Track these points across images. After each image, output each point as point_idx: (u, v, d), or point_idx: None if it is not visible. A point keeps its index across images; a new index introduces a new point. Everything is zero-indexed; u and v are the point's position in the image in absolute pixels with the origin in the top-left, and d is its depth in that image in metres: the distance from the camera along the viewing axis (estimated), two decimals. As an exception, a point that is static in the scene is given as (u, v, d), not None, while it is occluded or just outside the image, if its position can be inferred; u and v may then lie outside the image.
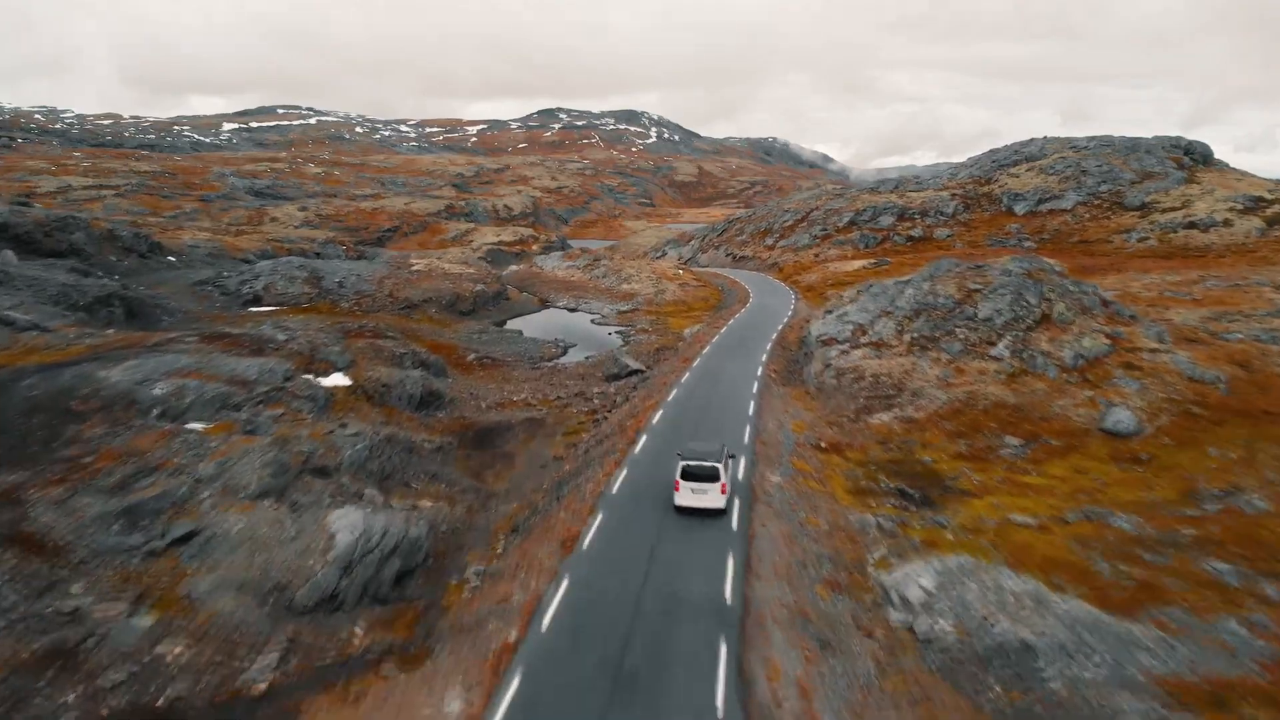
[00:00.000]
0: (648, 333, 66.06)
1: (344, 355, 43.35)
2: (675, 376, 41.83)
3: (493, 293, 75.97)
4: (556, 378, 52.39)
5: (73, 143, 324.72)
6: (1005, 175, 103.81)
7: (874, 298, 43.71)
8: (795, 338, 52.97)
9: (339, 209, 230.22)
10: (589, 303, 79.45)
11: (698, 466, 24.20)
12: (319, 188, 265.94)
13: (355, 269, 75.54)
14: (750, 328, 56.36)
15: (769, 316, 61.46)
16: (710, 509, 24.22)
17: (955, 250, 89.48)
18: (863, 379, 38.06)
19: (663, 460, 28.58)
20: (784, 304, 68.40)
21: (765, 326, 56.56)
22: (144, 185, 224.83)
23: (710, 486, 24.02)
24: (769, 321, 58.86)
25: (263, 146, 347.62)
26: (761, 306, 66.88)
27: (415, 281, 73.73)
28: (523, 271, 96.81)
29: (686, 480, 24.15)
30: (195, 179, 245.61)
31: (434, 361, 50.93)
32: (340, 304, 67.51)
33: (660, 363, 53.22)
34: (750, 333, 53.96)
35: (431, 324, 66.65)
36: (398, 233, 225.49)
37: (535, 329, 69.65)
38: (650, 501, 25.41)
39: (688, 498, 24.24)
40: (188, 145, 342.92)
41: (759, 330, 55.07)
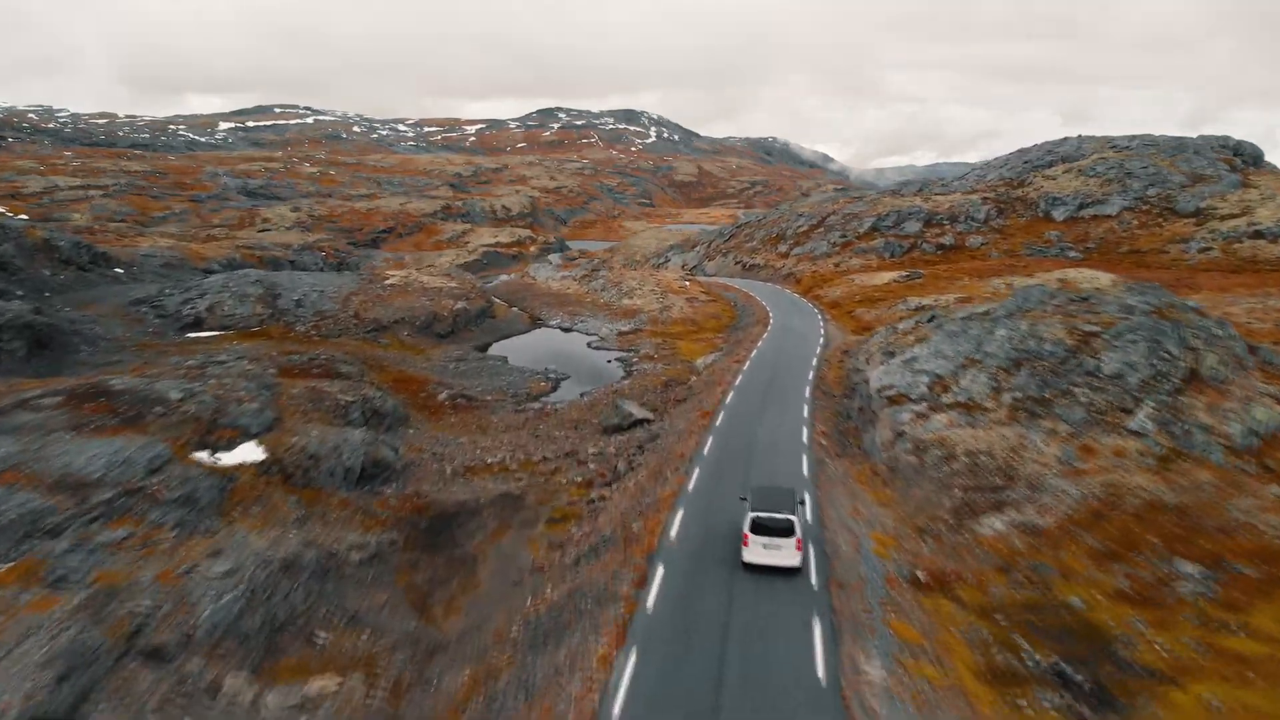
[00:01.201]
0: (653, 360, 55.34)
1: (264, 413, 32.59)
2: (694, 443, 31.10)
3: (476, 310, 65.16)
4: (544, 426, 41.66)
5: (65, 142, 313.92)
6: (1040, 177, 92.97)
7: (951, 338, 32.95)
8: (836, 377, 42.23)
9: (333, 209, 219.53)
10: (585, 321, 68.68)
11: (770, 519, 20.94)
12: (314, 188, 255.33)
13: (320, 284, 64.71)
14: (778, 361, 45.60)
15: (797, 344, 50.70)
16: (784, 567, 20.77)
17: (991, 261, 78.83)
18: (954, 458, 27.36)
19: (695, 625, 18.05)
20: (811, 326, 57.61)
21: (796, 360, 45.82)
22: (133, 185, 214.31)
23: (784, 542, 20.73)
24: (798, 352, 48.11)
25: (259, 146, 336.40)
26: (785, 329, 56.11)
27: (387, 298, 62.89)
28: (513, 282, 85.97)
29: (757, 534, 20.82)
30: (187, 179, 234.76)
31: (391, 409, 40.15)
32: (295, 327, 56.69)
33: (670, 406, 42.54)
34: (780, 370, 43.18)
35: (402, 350, 55.88)
36: (392, 234, 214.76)
37: (524, 354, 58.89)
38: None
39: (758, 554, 20.86)
40: (183, 145, 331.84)
41: (789, 366, 44.32)
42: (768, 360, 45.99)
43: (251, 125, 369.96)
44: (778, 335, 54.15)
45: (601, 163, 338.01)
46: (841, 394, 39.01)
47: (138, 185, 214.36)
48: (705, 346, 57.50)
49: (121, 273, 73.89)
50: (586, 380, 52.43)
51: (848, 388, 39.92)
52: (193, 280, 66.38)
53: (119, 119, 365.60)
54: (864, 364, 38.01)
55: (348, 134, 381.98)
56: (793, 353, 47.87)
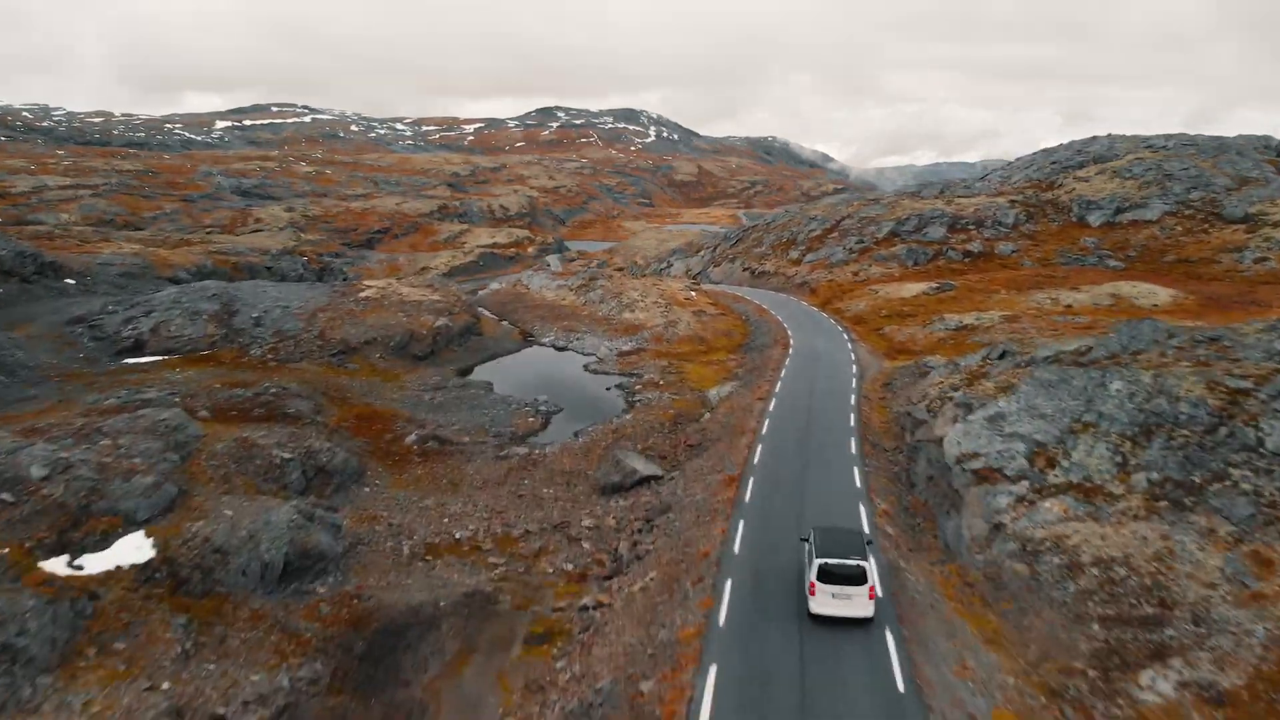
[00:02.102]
0: (658, 388, 47.60)
1: (163, 488, 24.82)
2: (719, 532, 23.35)
3: (460, 327, 57.31)
4: (530, 481, 33.91)
5: (59, 141, 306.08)
6: (1071, 179, 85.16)
7: (1048, 390, 25.19)
8: (882, 421, 34.47)
9: (328, 210, 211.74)
10: (582, 338, 60.87)
11: (839, 566, 18.37)
12: (309, 187, 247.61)
13: (285, 297, 56.85)
14: (810, 398, 37.81)
15: (827, 374, 42.94)
16: (856, 618, 18.19)
17: (1024, 270, 71.10)
18: (1080, 569, 19.66)
19: None
20: (837, 349, 49.85)
21: (830, 397, 38.05)
22: (124, 185, 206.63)
23: (856, 590, 18.19)
24: (831, 385, 40.33)
25: (255, 145, 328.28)
26: (810, 354, 48.33)
27: (359, 314, 55.05)
28: (504, 292, 78.10)
29: (825, 582, 18.27)
30: (180, 178, 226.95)
31: (342, 464, 32.36)
32: (251, 350, 48.85)
33: (682, 452, 34.87)
34: (815, 412, 35.35)
35: (372, 376, 48.09)
36: (388, 234, 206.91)
37: (512, 379, 51.12)
38: None
39: (827, 604, 18.35)
40: (178, 144, 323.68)
41: (824, 405, 36.53)
42: (796, 397, 38.17)
43: (248, 124, 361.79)
44: (802, 361, 46.37)
45: (600, 162, 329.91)
46: (894, 446, 31.28)
47: (129, 185, 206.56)
48: (717, 371, 49.77)
49: (72, 284, 66.01)
50: (582, 413, 44.69)
51: (899, 437, 32.20)
52: (144, 294, 58.50)
53: (115, 118, 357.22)
54: (925, 412, 30.23)
55: (345, 133, 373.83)
56: (824, 386, 40.08)
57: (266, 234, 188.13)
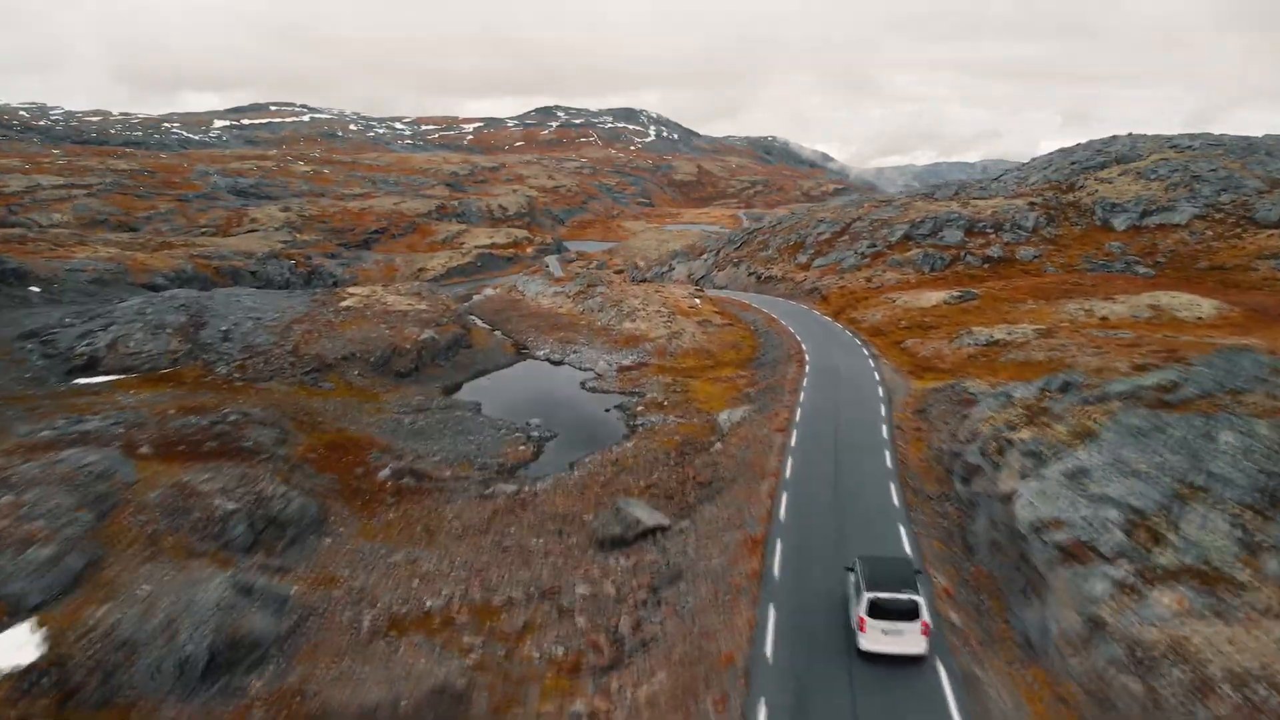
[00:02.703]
0: (663, 409, 43.02)
1: (65, 560, 20.22)
2: (745, 622, 18.72)
3: (448, 340, 52.67)
4: (517, 528, 29.31)
5: (56, 140, 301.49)
6: (1092, 180, 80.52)
7: (1139, 440, 20.60)
8: (922, 460, 29.85)
9: (324, 209, 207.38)
10: (580, 350, 56.23)
11: (891, 601, 16.67)
12: (306, 187, 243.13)
13: (260, 308, 52.21)
14: (835, 429, 33.11)
15: (851, 398, 38.27)
16: (909, 655, 16.61)
17: (1049, 277, 66.48)
18: (1210, 688, 15.10)
19: None
20: (858, 366, 45.20)
21: (858, 427, 33.37)
22: (119, 184, 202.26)
23: (908, 626, 16.51)
24: (858, 414, 35.63)
25: (253, 144, 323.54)
26: (829, 371, 43.65)
27: (338, 327, 50.40)
28: (497, 299, 73.44)
29: (876, 618, 16.54)
30: (175, 177, 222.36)
31: (298, 511, 27.74)
32: (216, 368, 44.22)
33: (692, 492, 30.33)
34: (843, 447, 30.63)
35: (348, 396, 43.46)
36: (385, 234, 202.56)
37: (502, 399, 46.52)
38: None
39: (878, 641, 16.66)
40: (176, 143, 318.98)
41: (853, 438, 31.85)
42: (820, 427, 33.51)
43: (247, 123, 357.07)
44: (821, 380, 41.73)
45: (600, 162, 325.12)
46: (939, 493, 26.67)
47: (123, 184, 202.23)
48: (727, 390, 45.18)
49: (37, 292, 61.43)
50: (578, 439, 40.10)
51: (943, 480, 27.59)
52: (105, 305, 53.87)
53: (112, 117, 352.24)
54: (979, 456, 25.57)
55: (344, 132, 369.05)
56: (850, 414, 35.40)
57: (260, 235, 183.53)
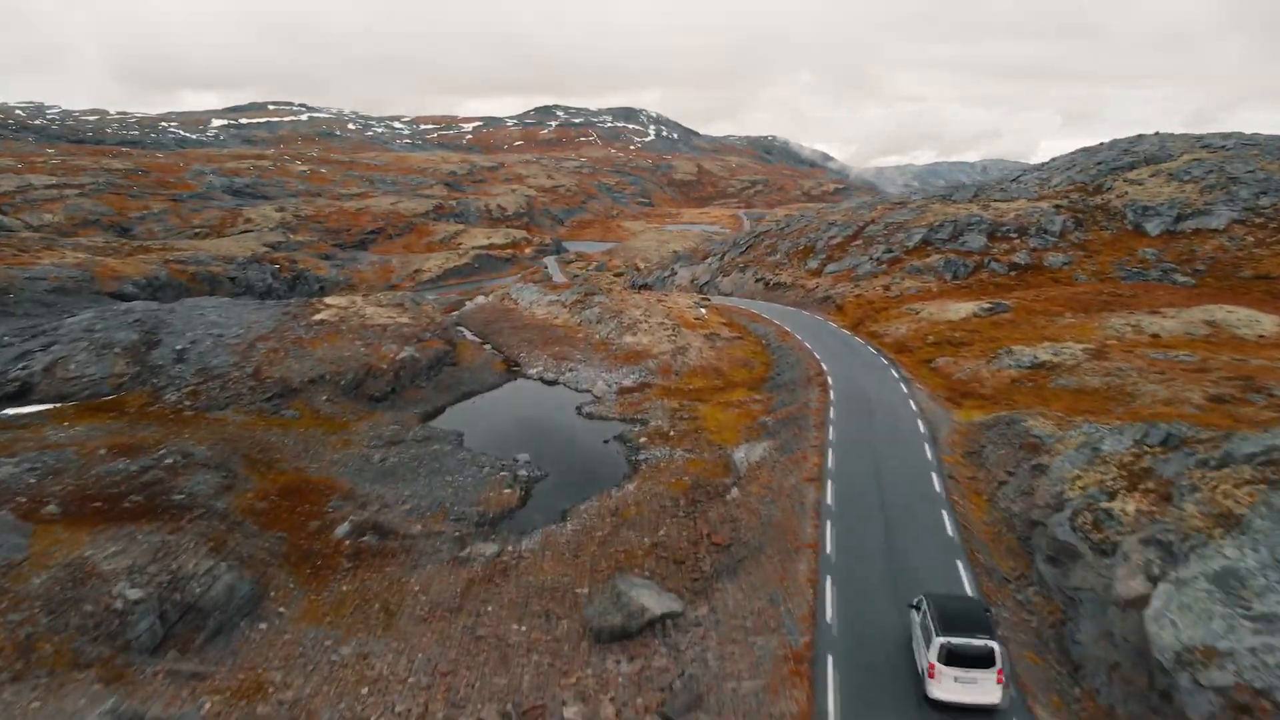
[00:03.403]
0: (669, 441, 37.43)
1: None
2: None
3: (430, 358, 47.04)
4: (495, 606, 23.73)
5: (51, 139, 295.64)
6: (1121, 182, 74.90)
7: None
8: (987, 525, 24.26)
9: (320, 209, 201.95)
10: (576, 368, 50.58)
11: (966, 647, 15.04)
12: (303, 186, 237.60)
13: (223, 322, 46.58)
14: (877, 478, 27.53)
15: (888, 432, 32.65)
16: (984, 706, 14.90)
17: (1081, 286, 60.90)
18: None
19: None
20: (889, 390, 39.50)
21: (903, 474, 27.75)
22: (112, 184, 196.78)
23: (983, 674, 14.98)
24: (899, 451, 30.06)
25: (250, 144, 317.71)
26: (857, 398, 37.99)
27: (308, 344, 44.73)
28: (489, 308, 67.74)
29: (950, 665, 14.98)
30: (170, 177, 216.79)
31: (224, 594, 22.12)
32: (165, 394, 38.58)
33: (706, 560, 24.83)
34: (893, 510, 25.01)
35: (313, 426, 37.81)
36: (382, 235, 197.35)
37: (487, 428, 40.90)
38: None
39: (950, 689, 15.05)
40: (172, 142, 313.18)
41: (900, 491, 26.21)
42: (858, 476, 27.88)
43: (245, 122, 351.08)
44: (850, 410, 36.11)
45: (600, 161, 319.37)
46: (1018, 575, 21.12)
47: (117, 184, 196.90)
48: (740, 418, 39.57)
49: (-13, 301, 55.88)
50: (572, 478, 34.51)
51: (1018, 553, 22.07)
52: (54, 320, 48.25)
53: (110, 116, 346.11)
54: (1073, 532, 20.00)
55: (342, 131, 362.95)
56: (891, 457, 29.78)
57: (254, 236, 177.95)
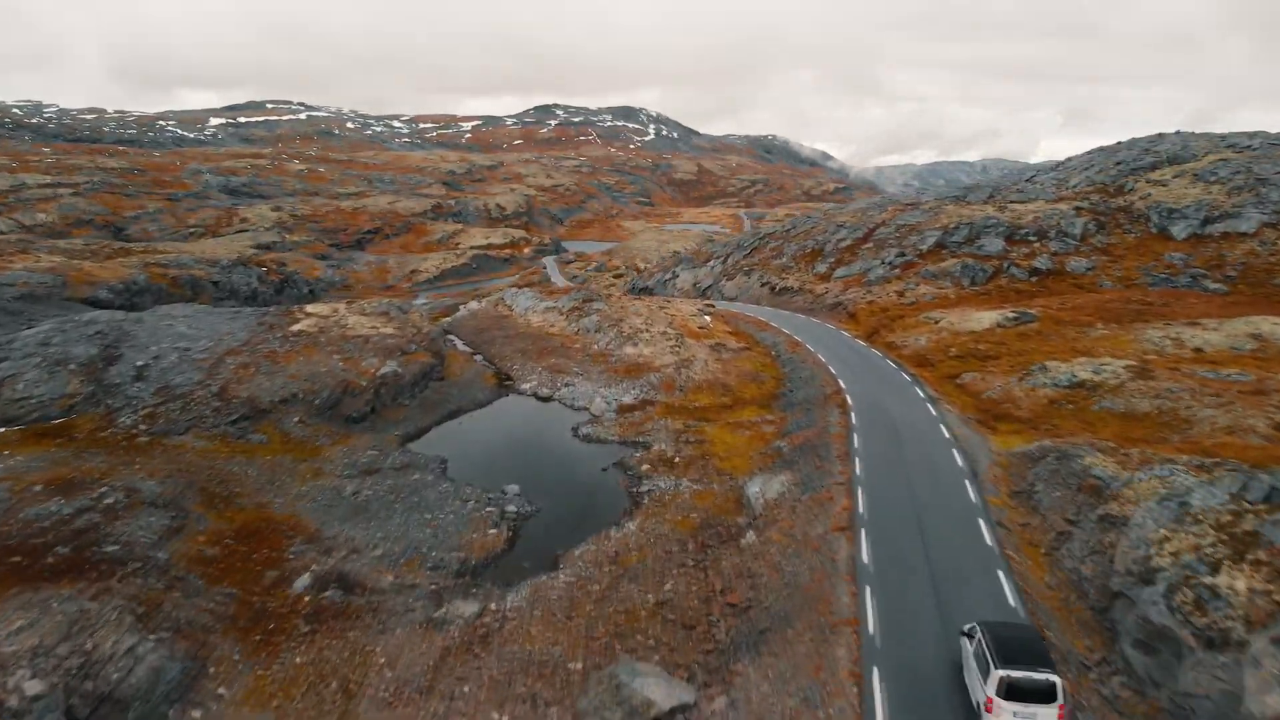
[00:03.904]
0: (674, 469, 33.66)
1: None
2: None
3: (415, 373, 43.19)
4: (473, 685, 19.86)
5: (48, 138, 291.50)
6: (1143, 183, 71.08)
7: None
8: (1049, 589, 20.39)
9: (317, 209, 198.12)
10: (573, 383, 46.71)
11: (1027, 681, 13.96)
12: (300, 185, 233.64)
13: (191, 335, 42.71)
14: (917, 523, 23.80)
15: (920, 462, 28.87)
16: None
17: (1107, 293, 57.12)
18: None
19: None
20: (915, 411, 35.60)
21: (944, 518, 24.00)
22: (107, 183, 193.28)
23: (1045, 710, 13.91)
24: (936, 490, 26.28)
25: (248, 143, 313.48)
26: (881, 421, 34.20)
27: (282, 359, 40.88)
28: (482, 314, 63.88)
29: (1010, 700, 13.96)
30: (167, 176, 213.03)
31: (147, 679, 18.15)
32: (119, 417, 34.75)
33: (722, 622, 21.09)
34: (939, 565, 21.25)
35: (282, 452, 33.99)
36: (379, 234, 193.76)
37: (474, 451, 37.05)
38: None
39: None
40: (170, 141, 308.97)
41: (945, 542, 22.43)
42: (896, 524, 24.02)
43: (243, 121, 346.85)
44: (875, 436, 32.27)
45: (599, 160, 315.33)
46: (1098, 660, 17.35)
47: (112, 183, 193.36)
48: (752, 442, 35.76)
49: (-55, 309, 52.01)
50: (567, 514, 30.71)
51: (1095, 628, 18.32)
52: (11, 331, 44.35)
53: (108, 114, 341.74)
54: (1163, 606, 16.21)
55: (341, 130, 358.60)
56: (930, 499, 25.87)
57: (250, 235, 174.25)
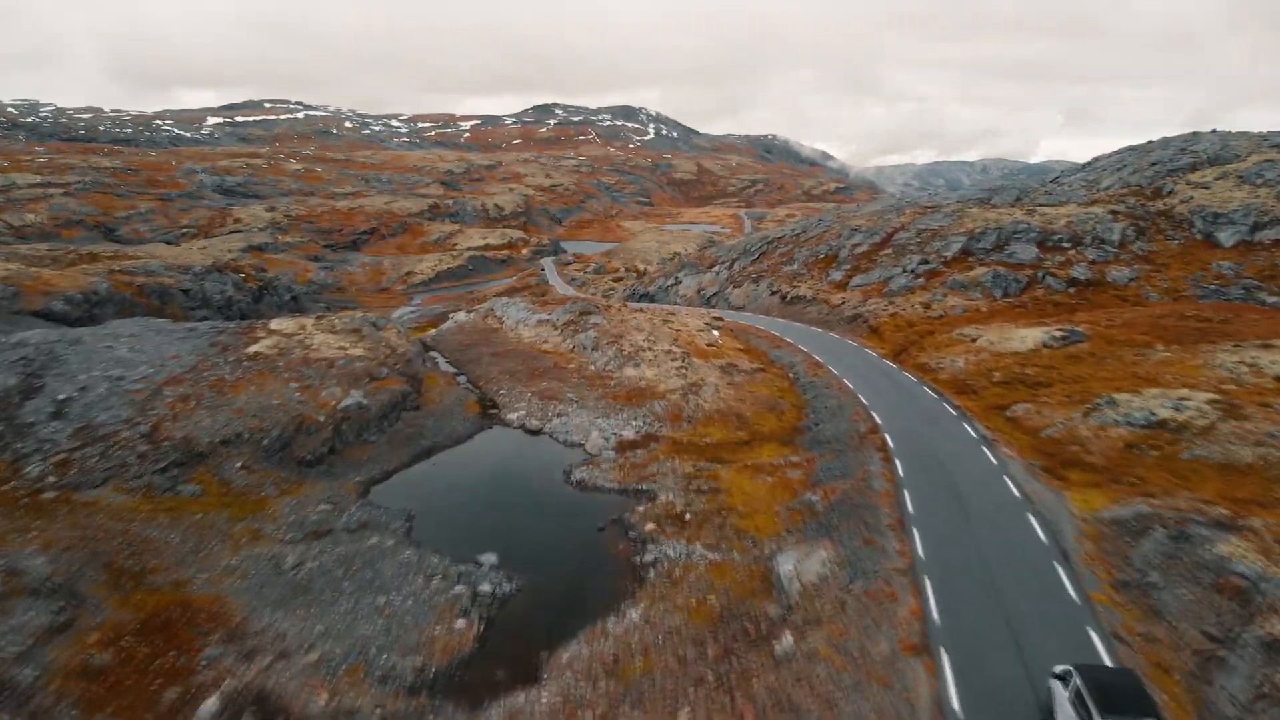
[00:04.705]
0: (684, 529, 27.73)
1: None
2: None
3: (384, 404, 37.18)
4: None
5: (43, 137, 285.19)
6: (1183, 185, 65.10)
7: None
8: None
9: (312, 209, 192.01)
10: (567, 412, 40.70)
11: None
12: (296, 185, 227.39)
13: (131, 358, 36.75)
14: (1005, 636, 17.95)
15: (991, 533, 22.99)
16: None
17: (1154, 305, 51.18)
18: None
19: None
20: (969, 456, 29.67)
21: (1037, 631, 18.17)
22: (99, 183, 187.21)
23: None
24: (1016, 578, 20.41)
25: (245, 142, 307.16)
26: (935, 471, 28.26)
27: (230, 389, 34.90)
28: (470, 327, 57.84)
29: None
30: (160, 176, 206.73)
31: None
32: (27, 465, 28.77)
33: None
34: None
35: (219, 508, 28.06)
36: (374, 235, 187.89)
37: (446, 503, 31.11)
38: None
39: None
40: (166, 140, 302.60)
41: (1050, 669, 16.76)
42: (977, 623, 18.30)
43: (240, 120, 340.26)
44: (928, 491, 26.34)
45: (599, 160, 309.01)
46: None
47: (104, 183, 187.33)
48: (777, 491, 29.80)
49: None
50: (555, 595, 24.77)
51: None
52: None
53: (104, 114, 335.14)
54: None
55: (339, 129, 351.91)
56: (1010, 584, 20.06)
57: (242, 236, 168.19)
